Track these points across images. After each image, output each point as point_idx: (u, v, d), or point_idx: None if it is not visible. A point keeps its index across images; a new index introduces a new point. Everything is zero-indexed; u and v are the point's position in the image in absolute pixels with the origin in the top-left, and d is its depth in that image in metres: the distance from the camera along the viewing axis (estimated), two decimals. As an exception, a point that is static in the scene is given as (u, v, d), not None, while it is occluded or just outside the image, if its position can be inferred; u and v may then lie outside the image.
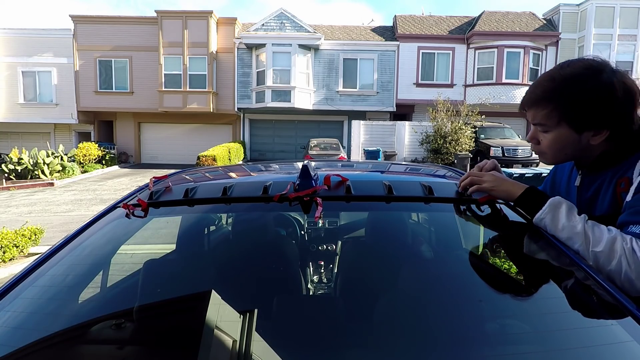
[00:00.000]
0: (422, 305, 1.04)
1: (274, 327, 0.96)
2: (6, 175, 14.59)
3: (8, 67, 20.10)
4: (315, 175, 1.28)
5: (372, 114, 20.59)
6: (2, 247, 5.51)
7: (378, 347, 0.90)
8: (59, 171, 15.51)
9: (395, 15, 21.60)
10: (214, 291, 1.02)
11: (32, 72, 20.24)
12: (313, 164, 1.61)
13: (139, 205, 1.26)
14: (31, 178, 14.71)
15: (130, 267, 1.39)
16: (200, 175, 1.75)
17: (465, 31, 20.09)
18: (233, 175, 1.67)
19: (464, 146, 15.72)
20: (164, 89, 19.57)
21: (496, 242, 1.24)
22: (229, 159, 17.45)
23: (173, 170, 1.93)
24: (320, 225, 2.03)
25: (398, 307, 1.03)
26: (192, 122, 21.33)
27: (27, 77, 20.31)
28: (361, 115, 20.22)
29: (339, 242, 1.77)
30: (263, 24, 19.48)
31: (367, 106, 20.31)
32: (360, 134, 18.45)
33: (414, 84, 20.15)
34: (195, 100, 19.65)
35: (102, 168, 18.12)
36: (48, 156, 15.43)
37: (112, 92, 20.37)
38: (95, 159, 18.05)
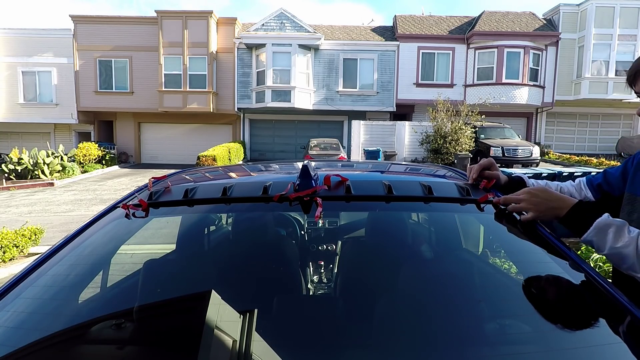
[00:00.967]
0: (422, 305, 1.04)
1: (274, 327, 0.96)
2: (6, 175, 14.58)
3: (8, 67, 20.10)
4: (315, 175, 1.28)
5: (372, 114, 20.58)
6: (2, 247, 5.51)
7: (378, 347, 0.89)
8: (59, 171, 15.50)
9: (395, 15, 21.59)
10: (214, 291, 1.02)
11: (32, 72, 20.24)
12: (313, 164, 1.61)
13: (139, 205, 1.26)
14: (31, 178, 14.71)
15: (130, 267, 1.39)
16: (200, 175, 1.75)
17: (465, 31, 20.08)
18: (233, 175, 1.67)
19: (464, 146, 15.72)
20: (164, 89, 19.56)
21: (496, 242, 1.24)
22: (229, 159, 17.44)
23: (173, 171, 1.93)
24: (320, 225, 2.03)
25: (398, 307, 1.03)
26: (192, 122, 21.33)
27: (27, 77, 20.30)
28: (361, 115, 20.22)
29: (339, 242, 1.76)
30: (263, 24, 19.47)
31: (367, 106, 20.31)
32: (360, 134, 18.45)
33: (414, 84, 20.14)
34: (195, 100, 19.65)
35: (102, 168, 18.11)
36: (48, 156, 15.42)
37: (112, 92, 20.37)
38: (95, 159, 18.05)
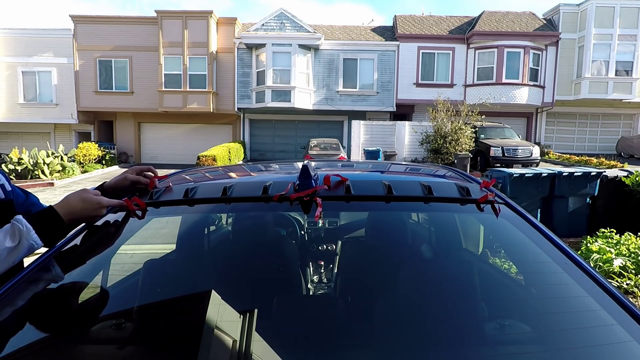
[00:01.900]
0: (422, 305, 1.04)
1: (274, 327, 0.96)
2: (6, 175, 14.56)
3: (8, 67, 20.09)
4: (315, 175, 1.28)
5: (372, 114, 20.58)
6: (2, 247, 5.50)
7: (378, 347, 0.89)
8: (59, 171, 15.50)
9: (395, 15, 21.58)
10: (214, 291, 1.02)
11: (32, 72, 20.22)
12: (313, 164, 1.61)
13: (139, 205, 1.26)
14: (31, 178, 14.70)
15: (130, 267, 1.39)
16: (200, 175, 1.75)
17: (465, 31, 20.08)
18: (233, 175, 1.67)
19: (464, 146, 15.71)
20: (164, 89, 19.56)
21: (496, 242, 1.24)
22: (229, 159, 17.44)
23: (173, 170, 1.93)
24: (320, 225, 2.03)
25: (398, 307, 1.03)
26: (192, 122, 21.33)
27: (27, 77, 20.29)
28: (361, 115, 20.22)
29: (339, 242, 1.77)
30: (263, 24, 19.47)
31: (367, 106, 20.30)
32: (360, 134, 18.45)
33: (414, 84, 20.14)
34: (195, 100, 19.64)
35: (102, 168, 18.11)
36: (48, 156, 15.41)
37: (112, 92, 20.36)
38: (95, 159, 18.04)
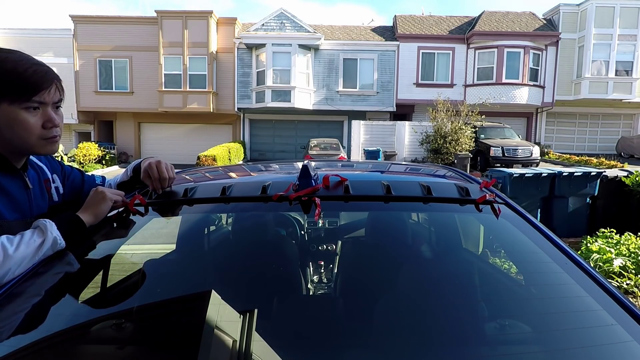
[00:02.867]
0: (422, 305, 1.04)
1: (274, 327, 0.96)
2: (6, 175, 14.56)
3: (8, 67, 20.08)
4: (315, 175, 1.28)
5: (372, 114, 20.57)
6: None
7: (378, 347, 0.90)
8: (59, 171, 15.49)
9: (395, 15, 21.58)
10: (214, 291, 1.02)
11: (32, 72, 20.21)
12: (313, 164, 1.61)
13: (139, 205, 1.26)
14: (31, 178, 14.70)
15: (130, 267, 1.38)
16: (200, 175, 1.75)
17: (465, 31, 20.08)
18: (233, 175, 1.67)
19: (464, 146, 15.70)
20: (164, 89, 19.55)
21: (496, 242, 1.24)
22: (229, 159, 17.43)
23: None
24: (320, 225, 2.03)
25: (398, 307, 1.03)
26: (192, 122, 21.32)
27: (27, 77, 20.28)
28: (361, 115, 20.21)
29: (339, 242, 1.77)
30: (263, 24, 19.47)
31: (367, 106, 20.30)
32: (360, 134, 18.44)
33: (414, 84, 20.14)
34: (195, 100, 19.64)
35: (102, 168, 18.10)
36: (48, 156, 15.41)
37: (112, 92, 20.35)
38: (95, 159, 18.04)
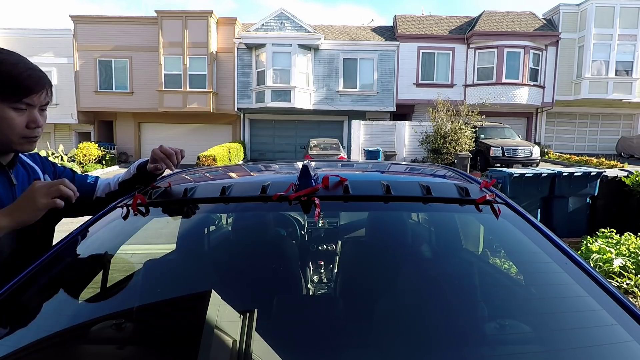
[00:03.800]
0: (422, 305, 1.04)
1: (274, 327, 0.96)
2: (6, 175, 14.56)
3: (8, 67, 20.08)
4: (314, 175, 1.28)
5: (372, 114, 20.57)
6: (2, 247, 5.50)
7: (378, 347, 0.90)
8: (59, 171, 15.49)
9: (395, 15, 21.58)
10: (214, 291, 1.02)
11: (32, 72, 20.21)
12: (313, 164, 1.61)
13: (139, 205, 1.26)
14: (31, 178, 14.70)
15: (130, 267, 1.38)
16: (200, 175, 1.75)
17: (465, 31, 20.08)
18: (233, 175, 1.67)
19: (464, 146, 15.70)
20: (164, 89, 19.55)
21: (496, 242, 1.24)
22: (229, 159, 17.43)
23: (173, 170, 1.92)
24: (320, 225, 2.03)
25: (398, 307, 1.03)
26: (192, 122, 21.31)
27: (27, 77, 20.27)
28: (361, 115, 20.21)
29: (339, 242, 1.77)
30: (263, 24, 19.46)
31: (367, 106, 20.30)
32: (360, 134, 18.44)
33: (414, 84, 20.14)
34: (195, 100, 19.64)
35: (102, 168, 18.10)
36: (48, 156, 15.42)
37: (112, 92, 20.34)
38: (95, 159, 18.04)
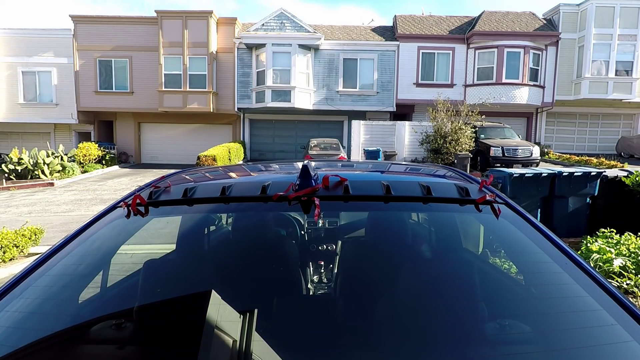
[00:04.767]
0: (422, 305, 1.04)
1: (274, 327, 0.96)
2: (6, 175, 14.58)
3: (8, 67, 20.10)
4: (314, 175, 1.27)
5: (372, 114, 20.58)
6: (2, 247, 5.51)
7: (378, 347, 0.89)
8: (59, 171, 15.50)
9: (395, 15, 21.58)
10: (214, 291, 1.02)
11: (32, 72, 20.23)
12: (313, 164, 1.61)
13: (139, 205, 1.26)
14: (31, 178, 14.70)
15: (130, 267, 1.38)
16: (200, 175, 1.75)
17: (465, 31, 20.08)
18: (233, 175, 1.67)
19: (464, 146, 15.71)
20: (164, 89, 19.56)
21: (496, 242, 1.24)
22: (229, 159, 17.44)
23: (173, 170, 1.93)
24: (320, 225, 2.03)
25: (398, 307, 1.03)
26: (192, 122, 21.33)
27: (27, 77, 20.30)
28: (361, 115, 20.22)
29: (339, 242, 1.76)
30: (263, 24, 19.47)
31: (367, 106, 20.30)
32: (360, 134, 18.44)
33: (414, 84, 20.14)
34: (195, 100, 19.65)
35: (102, 168, 18.11)
36: (48, 156, 15.42)
37: (112, 92, 20.36)
38: (95, 159, 18.05)
